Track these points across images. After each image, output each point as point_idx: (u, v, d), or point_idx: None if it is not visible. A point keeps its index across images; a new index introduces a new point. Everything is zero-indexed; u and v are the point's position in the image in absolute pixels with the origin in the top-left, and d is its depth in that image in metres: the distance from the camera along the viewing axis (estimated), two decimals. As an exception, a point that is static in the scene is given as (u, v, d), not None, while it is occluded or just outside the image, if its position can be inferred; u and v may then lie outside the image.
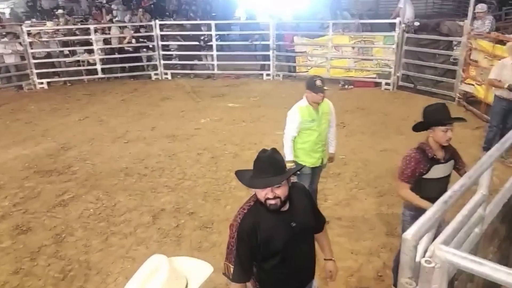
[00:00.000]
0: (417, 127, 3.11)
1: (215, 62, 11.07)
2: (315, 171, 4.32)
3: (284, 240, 2.22)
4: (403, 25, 8.95)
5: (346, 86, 9.85)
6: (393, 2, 12.15)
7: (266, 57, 10.81)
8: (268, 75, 10.86)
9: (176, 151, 6.61)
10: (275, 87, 10.14)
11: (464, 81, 8.06)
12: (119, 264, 4.01)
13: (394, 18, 9.43)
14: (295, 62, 10.66)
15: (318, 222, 2.48)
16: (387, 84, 9.47)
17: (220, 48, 11.28)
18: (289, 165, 3.98)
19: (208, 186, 5.44)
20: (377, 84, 9.68)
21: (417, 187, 3.11)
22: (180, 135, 7.27)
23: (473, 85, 7.84)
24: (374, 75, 9.79)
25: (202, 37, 10.94)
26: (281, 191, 2.13)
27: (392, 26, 9.27)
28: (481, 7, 7.99)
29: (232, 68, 11.43)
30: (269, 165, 2.12)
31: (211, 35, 10.82)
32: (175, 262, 1.52)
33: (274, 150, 2.21)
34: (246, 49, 11.62)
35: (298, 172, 4.05)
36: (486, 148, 5.69)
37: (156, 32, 10.98)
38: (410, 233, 1.14)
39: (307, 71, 10.18)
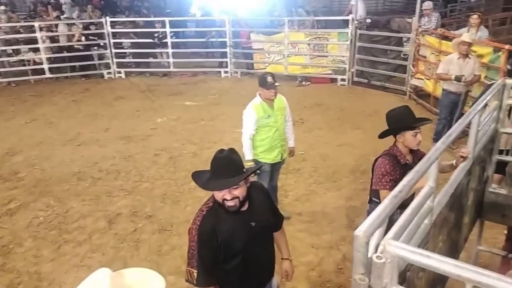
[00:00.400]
0: (384, 135, 2.99)
1: (171, 60, 10.83)
2: (275, 168, 4.36)
3: (244, 239, 2.20)
4: (355, 22, 9.18)
5: (304, 83, 9.98)
6: None
7: (224, 54, 10.72)
8: (226, 72, 10.77)
9: (132, 152, 6.40)
10: (234, 85, 10.08)
11: (414, 75, 8.41)
12: (73, 274, 3.83)
13: (347, 15, 9.66)
14: (252, 59, 10.66)
15: (277, 221, 2.47)
16: (342, 80, 9.68)
17: (176, 45, 11.03)
18: (248, 165, 3.99)
19: (167, 187, 5.32)
20: (333, 80, 9.87)
21: None
22: (136, 136, 7.04)
23: (422, 79, 8.21)
24: (330, 71, 9.98)
25: (156, 34, 10.66)
26: (239, 191, 2.10)
27: (345, 23, 9.49)
28: (428, 4, 8.37)
29: (189, 65, 11.24)
30: (226, 166, 2.09)
31: (165, 32, 10.57)
32: (124, 275, 1.43)
33: (231, 150, 2.18)
34: (202, 46, 11.45)
35: (258, 171, 4.06)
36: (436, 139, 5.97)
37: (107, 29, 10.57)
38: (361, 230, 1.14)
39: (265, 68, 10.21)
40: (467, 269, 1.02)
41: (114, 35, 10.80)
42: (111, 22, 10.69)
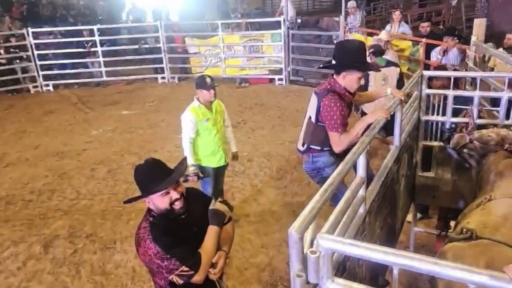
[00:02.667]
0: (327, 67, 2.90)
1: (103, 69, 10.38)
2: (219, 172, 4.33)
3: (191, 246, 2.15)
4: (287, 23, 9.41)
5: (243, 84, 10.06)
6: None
7: (160, 60, 10.48)
8: (163, 78, 10.54)
9: (66, 169, 6.04)
10: (172, 90, 9.89)
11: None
12: (7, 307, 3.52)
13: (278, 16, 9.89)
14: (189, 63, 10.53)
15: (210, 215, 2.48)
16: (280, 79, 9.88)
17: (108, 53, 10.57)
18: (191, 170, 3.92)
19: (107, 203, 5.07)
20: (271, 80, 10.05)
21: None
22: (70, 151, 6.66)
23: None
24: (267, 72, 10.14)
25: (85, 43, 10.15)
26: (182, 188, 2.14)
27: (278, 24, 9.69)
28: (351, 4, 8.86)
29: (124, 73, 10.84)
30: (160, 168, 2.11)
31: (95, 40, 10.10)
32: None
33: (151, 158, 2.19)
34: (137, 53, 11.09)
35: (202, 175, 4.02)
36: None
37: (30, 40, 9.89)
38: (294, 227, 1.16)
39: (203, 72, 10.12)
40: (391, 254, 1.07)
41: (39, 46, 10.16)
42: (33, 33, 10.04)
